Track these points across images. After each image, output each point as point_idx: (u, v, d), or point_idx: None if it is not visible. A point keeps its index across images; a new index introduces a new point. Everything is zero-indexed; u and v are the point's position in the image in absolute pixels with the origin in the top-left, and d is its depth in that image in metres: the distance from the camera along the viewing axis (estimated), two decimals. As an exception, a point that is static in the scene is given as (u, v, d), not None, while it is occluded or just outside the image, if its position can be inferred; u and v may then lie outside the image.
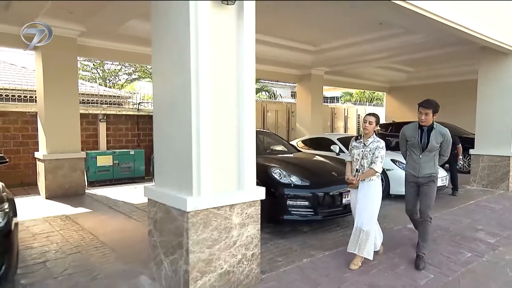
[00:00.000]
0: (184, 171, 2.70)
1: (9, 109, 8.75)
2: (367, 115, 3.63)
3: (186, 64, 2.62)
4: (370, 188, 3.52)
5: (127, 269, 3.42)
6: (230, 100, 2.86)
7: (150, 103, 13.28)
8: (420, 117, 3.60)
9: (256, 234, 3.07)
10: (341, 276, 3.32)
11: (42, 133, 6.89)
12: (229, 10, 2.78)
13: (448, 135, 3.66)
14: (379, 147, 3.53)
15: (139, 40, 7.44)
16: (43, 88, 6.61)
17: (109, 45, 7.67)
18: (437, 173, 3.75)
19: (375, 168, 3.48)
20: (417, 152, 3.69)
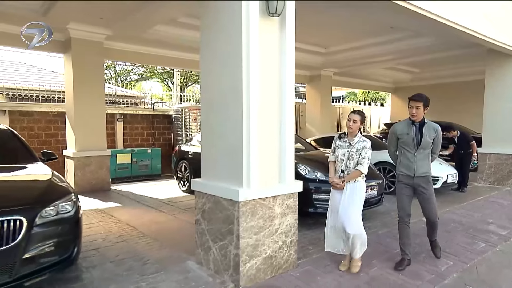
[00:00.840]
0: (235, 165, 2.98)
1: (33, 109, 9.06)
2: (351, 113, 3.42)
3: (238, 68, 2.90)
4: (356, 191, 3.33)
5: (173, 255, 3.72)
6: (274, 100, 3.15)
7: (163, 103, 13.61)
8: (411, 111, 3.41)
9: (294, 223, 3.36)
10: (370, 262, 3.61)
11: (71, 132, 7.18)
12: (274, 20, 3.07)
13: (440, 131, 3.48)
14: (365, 147, 3.32)
15: (163, 44, 7.75)
16: (73, 89, 6.90)
17: (133, 48, 7.96)
18: (431, 173, 3.54)
19: (361, 169, 3.28)
20: (411, 150, 3.44)
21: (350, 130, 3.38)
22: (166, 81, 19.75)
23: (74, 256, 3.01)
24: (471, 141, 7.20)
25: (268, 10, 2.94)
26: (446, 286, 3.19)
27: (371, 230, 4.70)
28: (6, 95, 9.21)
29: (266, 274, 3.16)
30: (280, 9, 2.94)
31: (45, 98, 9.70)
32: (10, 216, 2.58)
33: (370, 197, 4.96)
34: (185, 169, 7.20)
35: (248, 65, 2.88)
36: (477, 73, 12.19)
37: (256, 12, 2.90)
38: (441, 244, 4.11)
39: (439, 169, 6.77)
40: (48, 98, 9.80)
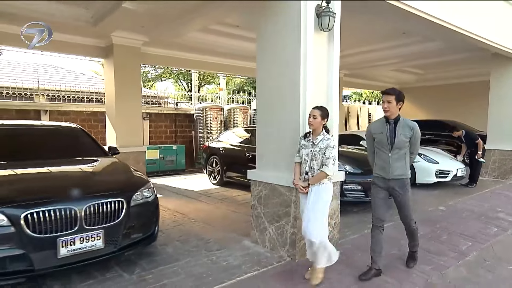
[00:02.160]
0: (292, 156, 3.41)
1: (70, 108, 9.51)
2: (312, 109, 3.06)
3: (296, 74, 3.34)
4: (321, 194, 2.96)
5: (229, 236, 4.17)
6: (322, 97, 3.56)
7: (184, 102, 14.04)
8: (383, 106, 3.09)
9: (338, 207, 3.80)
10: (399, 243, 4.05)
11: (112, 130, 7.62)
12: (324, 34, 3.50)
13: (417, 129, 3.09)
14: (329, 146, 2.96)
15: (193, 49, 8.17)
16: (114, 90, 7.32)
17: (166, 52, 8.39)
18: (408, 176, 3.15)
19: (326, 171, 2.92)
20: (386, 150, 3.10)
21: (311, 127, 3.04)
22: (181, 82, 20.18)
23: (155, 234, 3.47)
24: (477, 140, 7.39)
25: (321, 26, 3.37)
26: (469, 261, 3.61)
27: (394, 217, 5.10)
28: (46, 96, 9.66)
29: (316, 250, 3.60)
30: (331, 26, 3.37)
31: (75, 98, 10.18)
32: (115, 198, 3.02)
33: (392, 188, 5.39)
34: (215, 164, 7.63)
35: (305, 71, 3.31)
36: (480, 74, 12.59)
37: (311, 28, 3.33)
38: (459, 229, 4.58)
39: (449, 164, 7.20)
40: (79, 99, 10.28)
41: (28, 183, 3.14)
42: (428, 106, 15.63)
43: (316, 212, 2.94)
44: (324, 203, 3.00)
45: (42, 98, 9.61)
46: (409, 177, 3.16)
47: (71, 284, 2.91)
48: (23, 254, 2.57)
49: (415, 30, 7.96)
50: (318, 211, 2.95)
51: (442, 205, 5.84)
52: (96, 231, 2.87)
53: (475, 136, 7.54)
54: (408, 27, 7.67)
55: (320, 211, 2.96)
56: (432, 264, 3.49)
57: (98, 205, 2.90)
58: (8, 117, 8.36)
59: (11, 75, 10.39)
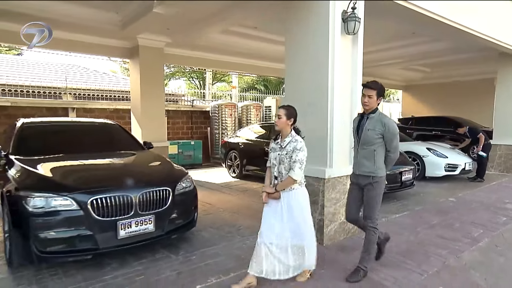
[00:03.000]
0: (321, 151, 3.64)
1: (95, 106, 9.81)
2: (278, 108, 2.83)
3: (324, 76, 3.55)
4: (293, 203, 2.70)
5: (257, 224, 4.36)
6: (347, 101, 3.78)
7: (199, 100, 14.29)
8: (363, 100, 2.84)
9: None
10: (415, 230, 4.27)
11: (137, 126, 7.90)
12: (349, 38, 3.70)
13: (391, 125, 2.79)
14: (296, 148, 2.65)
15: (213, 49, 8.40)
16: (140, 89, 7.59)
17: (188, 53, 8.63)
18: (378, 174, 2.83)
19: (292, 175, 2.62)
20: (356, 144, 2.95)
21: (276, 127, 2.78)
22: (194, 80, 20.44)
23: (195, 220, 3.74)
24: (478, 134, 7.49)
25: (347, 30, 3.58)
26: (481, 247, 3.81)
27: (408, 208, 5.32)
28: (73, 94, 9.98)
29: (340, 236, 3.84)
30: (356, 30, 3.57)
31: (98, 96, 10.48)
32: (163, 187, 3.29)
33: (406, 180, 5.61)
34: (235, 158, 7.88)
35: (333, 73, 3.53)
36: (484, 72, 12.65)
37: (338, 32, 3.54)
38: (470, 218, 4.77)
39: (457, 158, 7.37)
40: (102, 97, 10.59)
41: (89, 173, 3.42)
42: (433, 103, 15.69)
43: (299, 219, 2.71)
44: (301, 209, 2.72)
45: (70, 96, 9.92)
46: (380, 176, 2.83)
47: (126, 263, 3.18)
48: (90, 235, 2.85)
49: (425, 31, 8.07)
50: (300, 219, 2.72)
51: (452, 196, 6.04)
52: (148, 216, 3.14)
53: (478, 131, 7.66)
54: (418, 27, 7.79)
55: (302, 218, 2.73)
56: (447, 248, 3.70)
57: (149, 193, 3.17)
58: (39, 114, 8.69)
59: (40, 75, 10.72)
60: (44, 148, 3.79)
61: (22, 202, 2.77)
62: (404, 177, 5.47)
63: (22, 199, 2.78)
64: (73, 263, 3.09)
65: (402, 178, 5.48)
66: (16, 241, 2.85)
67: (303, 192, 2.79)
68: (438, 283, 2.95)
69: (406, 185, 5.65)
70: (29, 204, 2.76)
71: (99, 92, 10.66)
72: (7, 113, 8.29)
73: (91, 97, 10.14)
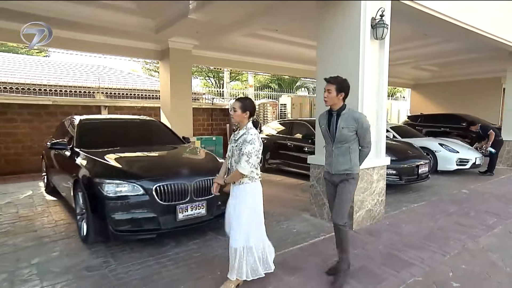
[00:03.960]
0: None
1: (124, 104, 10.17)
2: (234, 101, 2.66)
3: (355, 75, 3.79)
4: (240, 197, 2.55)
5: (288, 211, 4.70)
6: (373, 99, 4.02)
7: (218, 98, 14.59)
8: (324, 95, 2.72)
9: (384, 187, 4.27)
10: (434, 217, 4.50)
11: (167, 123, 8.20)
12: (376, 43, 3.93)
13: (363, 121, 2.67)
14: (245, 140, 2.47)
15: (237, 50, 8.66)
16: (170, 88, 7.91)
17: (214, 54, 8.93)
18: (354, 171, 2.72)
19: (239, 169, 2.44)
20: (329, 143, 2.78)
21: (233, 120, 2.68)
22: (210, 79, 20.75)
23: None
24: (489, 131, 7.61)
25: (375, 36, 3.81)
26: (496, 233, 4.02)
27: (425, 198, 5.53)
28: (104, 93, 10.37)
29: (367, 221, 4.10)
30: (384, 35, 3.80)
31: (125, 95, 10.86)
32: (212, 176, 3.56)
33: (422, 173, 5.82)
34: (258, 153, 8.15)
35: (363, 75, 3.77)
36: (492, 71, 12.68)
37: (368, 38, 3.77)
38: (484, 207, 4.97)
39: (468, 153, 7.53)
40: (129, 95, 10.97)
41: (151, 163, 3.74)
42: (441, 100, 15.70)
43: (236, 217, 2.54)
44: (246, 207, 2.53)
45: (101, 95, 10.31)
46: (356, 172, 2.73)
47: (182, 243, 3.50)
48: (155, 217, 3.16)
49: (437, 32, 8.20)
50: (235, 216, 2.54)
51: (464, 188, 6.22)
52: (201, 202, 3.44)
53: (488, 128, 7.78)
54: (430, 29, 7.90)
55: (236, 216, 2.53)
56: (465, 234, 3.93)
57: (202, 182, 3.47)
58: (76, 112, 9.09)
59: (75, 76, 11.13)
60: (102, 142, 4.13)
61: (98, 187, 3.10)
62: (421, 170, 5.69)
63: (98, 185, 3.11)
64: (136, 242, 3.42)
65: (419, 171, 5.70)
66: (93, 221, 3.18)
67: (252, 188, 2.55)
68: (460, 263, 3.19)
69: (422, 178, 5.87)
70: (104, 190, 3.09)
71: (127, 91, 11.04)
72: (48, 111, 8.71)
73: (119, 96, 10.50)
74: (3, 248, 3.35)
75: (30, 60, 12.99)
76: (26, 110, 8.44)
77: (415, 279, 2.87)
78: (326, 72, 4.19)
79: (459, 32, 6.49)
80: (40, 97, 8.76)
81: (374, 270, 3.02)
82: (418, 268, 3.05)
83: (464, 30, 6.19)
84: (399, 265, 3.12)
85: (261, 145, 2.57)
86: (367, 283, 2.78)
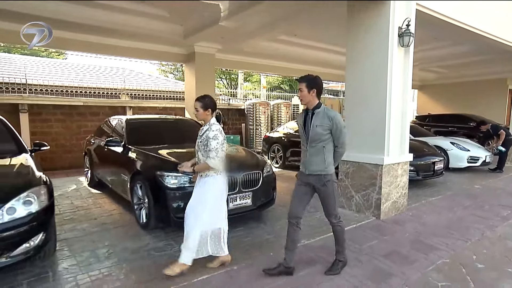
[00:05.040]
0: (379, 143, 4.21)
1: (148, 105, 10.55)
2: (194, 101, 2.79)
3: (383, 80, 4.11)
4: (205, 186, 2.73)
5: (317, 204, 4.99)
6: (399, 101, 4.32)
7: (233, 98, 14.94)
8: (298, 95, 2.75)
9: (406, 182, 4.58)
10: (452, 210, 4.80)
11: (192, 122, 8.58)
12: (402, 50, 4.24)
13: (338, 120, 2.61)
14: (209, 137, 2.64)
15: (257, 54, 8.99)
16: (195, 89, 8.25)
17: (235, 57, 9.27)
18: (329, 172, 2.67)
19: (208, 162, 2.64)
20: (304, 142, 2.74)
21: (198, 119, 2.88)
22: (222, 80, 21.11)
23: (274, 198, 4.36)
24: (499, 131, 7.93)
25: (402, 43, 4.12)
26: (511, 223, 4.32)
27: (441, 193, 5.82)
28: (129, 95, 10.75)
29: (392, 212, 4.42)
30: (410, 43, 4.11)
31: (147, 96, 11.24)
32: (257, 170, 3.92)
33: (438, 170, 6.12)
34: (278, 150, 8.50)
35: (391, 79, 4.08)
36: (497, 72, 12.88)
37: (395, 45, 4.08)
38: (497, 201, 5.26)
39: (479, 151, 7.80)
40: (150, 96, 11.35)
41: None
42: (447, 101, 15.91)
43: (195, 204, 2.74)
44: (206, 197, 2.71)
45: (126, 96, 10.70)
46: (331, 173, 2.68)
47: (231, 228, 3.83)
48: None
49: (446, 36, 8.44)
50: (198, 204, 2.73)
51: (476, 184, 6.51)
52: (247, 193, 3.78)
53: (499, 128, 8.07)
54: (440, 33, 8.14)
55: (196, 204, 2.73)
56: (483, 224, 4.23)
57: (248, 175, 3.81)
58: (103, 112, 9.49)
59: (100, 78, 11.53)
60: (150, 139, 4.48)
61: (160, 179, 3.45)
62: (437, 166, 6.00)
63: (160, 177, 3.46)
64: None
65: (435, 167, 6.00)
66: (155, 209, 3.53)
67: (215, 181, 2.73)
68: (481, 248, 3.50)
69: (437, 174, 6.16)
70: (165, 181, 3.43)
71: (148, 92, 11.42)
72: (79, 111, 9.11)
73: (142, 97, 10.88)
74: (74, 232, 3.72)
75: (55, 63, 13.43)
76: (59, 111, 8.84)
77: (442, 260, 3.19)
78: (354, 76, 4.54)
79: (468, 35, 6.63)
80: (73, 98, 9.15)
81: (404, 253, 3.34)
82: (444, 252, 3.37)
83: (472, 34, 6.36)
84: (426, 249, 3.43)
85: (225, 138, 2.75)
86: (400, 264, 3.10)
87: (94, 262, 3.01)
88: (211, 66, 8.56)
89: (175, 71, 21.34)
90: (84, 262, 3.01)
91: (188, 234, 2.72)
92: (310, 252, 3.33)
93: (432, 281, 2.80)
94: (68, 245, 3.34)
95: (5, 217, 2.37)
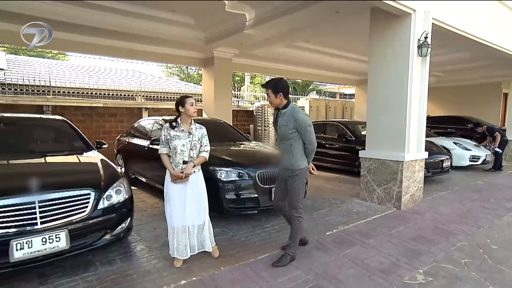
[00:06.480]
0: (399, 141, 4.73)
1: (162, 106, 10.96)
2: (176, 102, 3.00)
3: (404, 84, 4.64)
4: (200, 180, 3.01)
5: (340, 197, 5.52)
6: (417, 103, 4.85)
7: (242, 100, 15.41)
8: (267, 100, 2.93)
9: (422, 177, 5.12)
10: (461, 202, 5.35)
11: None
12: (420, 59, 4.78)
13: (302, 120, 2.76)
14: (204, 134, 3.01)
15: (271, 59, 9.48)
16: (214, 92, 8.69)
17: (251, 62, 9.74)
18: (297, 167, 2.88)
19: (206, 156, 2.97)
20: (278, 139, 2.98)
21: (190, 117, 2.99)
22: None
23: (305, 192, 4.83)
24: (494, 133, 8.53)
25: (420, 53, 4.65)
26: (515, 213, 4.89)
27: (449, 188, 6.38)
28: (144, 96, 11.15)
29: (411, 204, 4.95)
30: (428, 53, 4.65)
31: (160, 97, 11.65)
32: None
33: (445, 167, 6.69)
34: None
35: (411, 85, 4.62)
36: (492, 76, 13.54)
37: (415, 54, 4.62)
38: (500, 195, 5.83)
39: (479, 151, 8.41)
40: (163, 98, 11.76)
41: (247, 156, 4.55)
42: (444, 104, 16.61)
43: (202, 197, 3.00)
44: (204, 190, 3.04)
45: (142, 98, 11.09)
46: (299, 168, 2.88)
47: (269, 220, 4.30)
48: (256, 197, 3.97)
49: (450, 44, 9.02)
50: (203, 196, 3.01)
51: (479, 181, 7.10)
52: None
53: (494, 130, 8.66)
54: (445, 41, 8.73)
55: (203, 196, 3.02)
56: (491, 214, 4.78)
57: (287, 170, 4.28)
58: (121, 113, 9.90)
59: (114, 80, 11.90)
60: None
61: (213, 173, 3.91)
62: (444, 164, 6.57)
63: (213, 171, 3.92)
64: (235, 217, 4.23)
65: (443, 165, 6.56)
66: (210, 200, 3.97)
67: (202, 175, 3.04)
68: (493, 233, 4.03)
69: (444, 171, 6.74)
70: (218, 175, 3.89)
71: (161, 94, 11.81)
72: (98, 112, 9.49)
73: (156, 99, 11.29)
74: (136, 221, 4.14)
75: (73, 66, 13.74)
76: (80, 112, 9.22)
77: (461, 243, 3.70)
78: (376, 82, 5.07)
79: (471, 43, 7.16)
80: (94, 100, 9.52)
81: (428, 237, 3.85)
82: (461, 236, 3.89)
83: (475, 42, 6.94)
84: (446, 234, 3.95)
85: None
86: (426, 245, 3.61)
87: (163, 245, 3.45)
88: (229, 70, 9.02)
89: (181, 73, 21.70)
90: (155, 244, 3.46)
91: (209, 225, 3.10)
92: (348, 236, 3.81)
93: (456, 258, 3.31)
94: (135, 231, 3.77)
95: (105, 203, 2.80)
